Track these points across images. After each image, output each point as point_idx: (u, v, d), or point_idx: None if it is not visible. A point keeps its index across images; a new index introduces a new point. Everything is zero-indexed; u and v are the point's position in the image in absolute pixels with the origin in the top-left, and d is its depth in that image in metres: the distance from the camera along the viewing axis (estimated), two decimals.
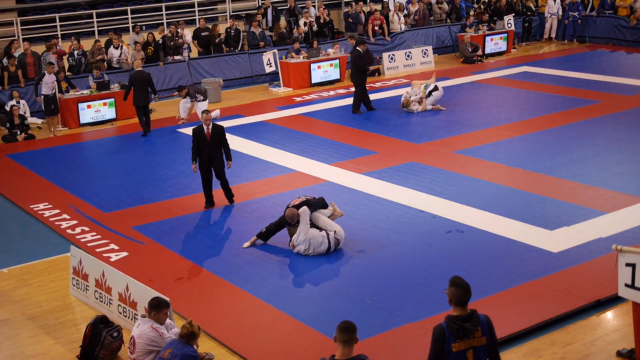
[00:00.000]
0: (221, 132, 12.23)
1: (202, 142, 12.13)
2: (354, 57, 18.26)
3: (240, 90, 21.81)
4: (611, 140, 15.04)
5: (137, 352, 7.45)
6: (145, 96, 17.01)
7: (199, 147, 12.16)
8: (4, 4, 23.10)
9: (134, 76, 17.03)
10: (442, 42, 25.67)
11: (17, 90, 18.43)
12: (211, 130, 12.15)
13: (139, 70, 17.18)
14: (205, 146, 12.13)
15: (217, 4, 26.26)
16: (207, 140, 12.11)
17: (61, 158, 16.03)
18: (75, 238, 11.48)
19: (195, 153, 12.23)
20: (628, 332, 8.05)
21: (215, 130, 12.18)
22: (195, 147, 12.20)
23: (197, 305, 9.25)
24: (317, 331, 8.46)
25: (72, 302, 9.65)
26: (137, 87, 16.88)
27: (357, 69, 18.07)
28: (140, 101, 16.95)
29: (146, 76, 17.10)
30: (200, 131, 12.17)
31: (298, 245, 10.37)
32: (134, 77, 16.99)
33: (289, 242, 10.54)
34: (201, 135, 12.13)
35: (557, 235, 10.69)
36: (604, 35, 25.72)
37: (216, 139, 12.15)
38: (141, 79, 16.92)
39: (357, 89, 18.26)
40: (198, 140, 12.15)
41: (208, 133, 12.13)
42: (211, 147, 12.15)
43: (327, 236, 10.38)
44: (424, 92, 17.99)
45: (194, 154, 12.25)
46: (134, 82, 16.91)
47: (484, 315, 5.57)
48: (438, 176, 13.41)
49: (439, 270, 9.73)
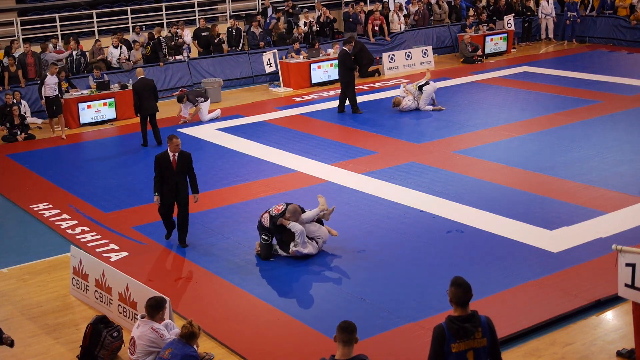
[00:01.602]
0: (188, 160, 10.80)
1: (167, 170, 10.69)
2: (341, 55, 18.25)
3: (240, 90, 21.81)
4: (611, 140, 15.04)
5: (137, 353, 7.45)
6: (152, 105, 16.14)
7: (163, 176, 10.73)
8: (4, 4, 23.11)
9: (137, 85, 16.23)
10: (442, 42, 25.67)
11: (18, 90, 18.42)
12: (177, 157, 10.71)
13: (142, 78, 16.33)
14: (171, 175, 10.71)
15: (217, 4, 26.27)
16: (173, 169, 10.68)
17: (61, 158, 16.04)
18: (75, 238, 11.48)
19: (158, 183, 10.78)
20: (628, 332, 8.05)
21: (182, 158, 10.74)
22: (159, 177, 10.77)
23: (197, 305, 9.25)
24: (317, 331, 8.46)
25: (72, 302, 9.65)
26: (142, 95, 16.06)
27: (345, 67, 18.04)
28: (147, 110, 16.13)
29: (150, 84, 16.29)
30: (165, 158, 10.72)
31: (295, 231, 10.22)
32: (138, 85, 16.19)
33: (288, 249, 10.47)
34: (166, 163, 10.69)
35: (557, 235, 10.69)
36: (604, 35, 25.72)
37: (183, 167, 10.75)
38: (145, 87, 16.14)
39: (343, 88, 18.21)
40: (162, 169, 10.72)
41: (174, 161, 10.69)
42: (178, 176, 10.75)
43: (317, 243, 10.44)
44: (415, 87, 18.07)
45: (157, 184, 10.78)
46: (138, 91, 16.14)
47: (485, 316, 5.56)
48: (438, 176, 13.41)
49: (439, 270, 9.73)
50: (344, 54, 18.13)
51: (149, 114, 16.20)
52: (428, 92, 18.01)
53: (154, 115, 16.30)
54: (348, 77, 18.05)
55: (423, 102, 17.95)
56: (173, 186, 10.76)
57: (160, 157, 10.79)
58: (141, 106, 16.16)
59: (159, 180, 10.79)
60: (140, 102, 16.13)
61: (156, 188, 10.80)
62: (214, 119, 18.25)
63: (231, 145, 16.04)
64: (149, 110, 16.18)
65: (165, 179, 10.75)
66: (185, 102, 18.00)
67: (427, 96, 17.99)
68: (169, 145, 10.79)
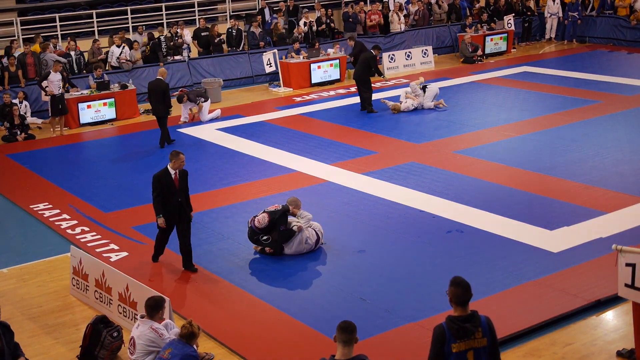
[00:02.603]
0: (186, 177, 10.04)
1: (170, 189, 9.80)
2: (368, 57, 18.21)
3: (240, 90, 21.81)
4: (611, 140, 15.04)
5: (137, 353, 7.45)
6: (159, 107, 15.99)
7: (164, 196, 9.83)
8: (4, 4, 23.11)
9: (150, 85, 16.25)
10: (442, 42, 25.67)
11: (21, 90, 18.42)
12: (179, 175, 9.88)
13: (157, 79, 16.13)
14: (173, 194, 9.83)
15: (217, 4, 26.27)
16: (175, 187, 9.82)
17: (61, 158, 16.04)
18: (75, 238, 11.48)
19: (160, 204, 9.85)
20: (628, 332, 8.05)
21: (182, 175, 9.93)
22: (160, 197, 9.84)
23: (197, 305, 9.25)
24: (317, 331, 8.46)
25: (72, 302, 9.65)
26: (151, 96, 16.12)
27: (369, 70, 18.11)
28: (155, 112, 16.21)
29: (162, 86, 16.01)
30: (165, 176, 9.81)
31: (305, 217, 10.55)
32: (150, 85, 16.20)
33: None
34: (167, 181, 9.80)
35: (557, 235, 10.69)
36: (604, 35, 25.72)
37: (183, 185, 9.94)
38: (155, 89, 15.99)
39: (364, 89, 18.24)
40: (163, 188, 9.80)
41: (176, 178, 9.86)
42: (180, 195, 9.88)
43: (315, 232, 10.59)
44: (418, 84, 18.30)
45: (159, 205, 9.84)
46: (149, 90, 16.20)
47: (485, 316, 5.56)
48: (438, 176, 13.41)
49: (439, 270, 9.73)
50: (371, 57, 18.17)
51: (157, 116, 16.20)
52: (433, 91, 18.18)
53: (161, 118, 16.14)
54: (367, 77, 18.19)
55: (427, 100, 18.05)
56: (176, 206, 9.87)
57: (160, 176, 9.84)
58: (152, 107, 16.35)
59: (160, 201, 9.84)
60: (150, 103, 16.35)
61: (159, 209, 9.85)
62: (214, 119, 18.25)
63: (231, 145, 16.04)
64: (155, 112, 16.25)
65: (167, 199, 9.83)
66: (185, 102, 18.01)
67: (432, 94, 18.12)
68: (173, 161, 9.83)
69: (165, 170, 9.87)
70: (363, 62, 18.29)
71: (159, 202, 9.85)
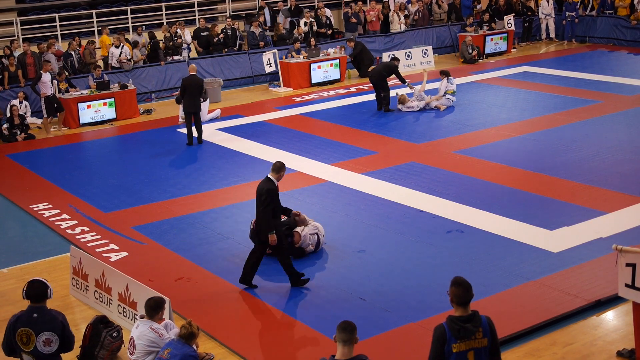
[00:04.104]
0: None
1: (276, 204, 9.30)
2: (391, 67, 18.37)
3: (240, 90, 21.80)
4: (611, 140, 15.04)
5: (136, 353, 7.44)
6: (196, 103, 16.06)
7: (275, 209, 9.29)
8: (4, 4, 23.11)
9: (186, 80, 16.11)
10: (442, 42, 25.67)
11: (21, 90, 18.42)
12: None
13: (192, 75, 16.18)
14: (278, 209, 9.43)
15: (217, 4, 26.27)
16: (279, 201, 9.40)
17: (61, 158, 16.03)
18: (75, 238, 11.47)
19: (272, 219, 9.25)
20: (628, 332, 8.05)
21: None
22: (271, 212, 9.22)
23: (197, 305, 9.25)
24: (317, 331, 8.46)
25: (72, 302, 9.64)
26: (189, 92, 15.95)
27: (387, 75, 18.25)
28: (191, 107, 16.00)
29: (199, 82, 16.20)
30: (276, 189, 9.26)
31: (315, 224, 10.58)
32: (187, 81, 16.07)
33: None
34: (277, 194, 9.29)
35: (557, 235, 10.68)
36: (604, 35, 25.72)
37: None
38: (193, 85, 15.99)
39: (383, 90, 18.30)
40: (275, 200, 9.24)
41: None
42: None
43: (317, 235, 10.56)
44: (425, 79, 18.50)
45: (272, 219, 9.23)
46: (186, 87, 16.06)
47: (485, 316, 5.56)
48: (438, 176, 13.41)
49: (439, 270, 9.73)
50: (394, 67, 18.37)
51: (191, 111, 16.10)
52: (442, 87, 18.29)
53: (198, 114, 16.21)
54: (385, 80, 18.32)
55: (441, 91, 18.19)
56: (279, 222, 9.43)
57: (275, 189, 9.19)
58: (184, 103, 16.17)
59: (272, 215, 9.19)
60: (184, 99, 16.09)
61: (272, 224, 9.17)
62: (214, 118, 18.25)
63: (231, 145, 16.04)
64: (191, 108, 16.06)
65: (275, 213, 9.27)
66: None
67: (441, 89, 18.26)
68: (281, 172, 9.33)
69: (272, 182, 9.23)
70: (383, 69, 18.40)
71: (271, 216, 9.18)
